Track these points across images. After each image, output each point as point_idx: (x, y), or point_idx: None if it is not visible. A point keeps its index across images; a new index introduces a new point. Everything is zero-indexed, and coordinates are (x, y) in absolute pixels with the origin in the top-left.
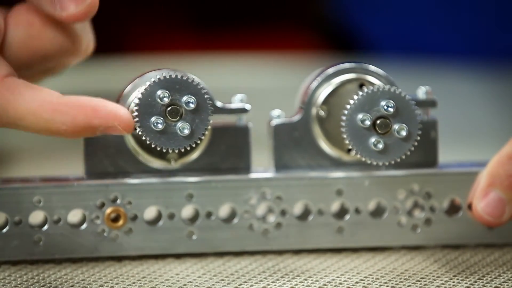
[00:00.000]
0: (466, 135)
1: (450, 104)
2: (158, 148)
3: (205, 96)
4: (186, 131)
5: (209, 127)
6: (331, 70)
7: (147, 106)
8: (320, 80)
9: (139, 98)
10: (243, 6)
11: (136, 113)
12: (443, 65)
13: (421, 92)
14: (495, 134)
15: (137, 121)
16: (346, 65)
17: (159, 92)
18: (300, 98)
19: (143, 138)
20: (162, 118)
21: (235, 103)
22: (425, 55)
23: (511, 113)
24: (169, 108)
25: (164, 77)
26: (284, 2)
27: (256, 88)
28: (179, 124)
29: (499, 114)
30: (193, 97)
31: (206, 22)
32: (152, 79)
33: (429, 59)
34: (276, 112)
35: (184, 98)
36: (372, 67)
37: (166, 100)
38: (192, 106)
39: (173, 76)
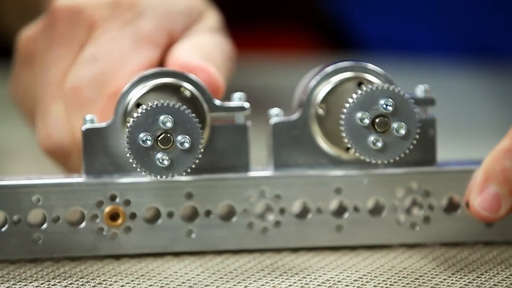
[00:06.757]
0: (463, 133)
1: (448, 102)
2: (178, 176)
3: (181, 110)
4: (187, 144)
5: (203, 135)
6: (329, 69)
7: (142, 158)
8: (318, 79)
9: (131, 159)
10: (240, 5)
11: (139, 166)
12: (440, 63)
13: (420, 91)
14: (492, 132)
15: (144, 172)
16: (345, 64)
17: (141, 136)
18: (299, 97)
19: (159, 178)
20: (160, 152)
21: (234, 102)
22: (422, 53)
23: (508, 111)
24: (159, 139)
25: (133, 121)
26: (282, 1)
27: (255, 86)
28: (179, 138)
29: (496, 111)
30: (168, 116)
31: None
32: (127, 131)
33: (426, 57)
34: (275, 110)
35: (160, 122)
36: (371, 66)
37: (149, 142)
38: (169, 125)
39: (139, 114)
